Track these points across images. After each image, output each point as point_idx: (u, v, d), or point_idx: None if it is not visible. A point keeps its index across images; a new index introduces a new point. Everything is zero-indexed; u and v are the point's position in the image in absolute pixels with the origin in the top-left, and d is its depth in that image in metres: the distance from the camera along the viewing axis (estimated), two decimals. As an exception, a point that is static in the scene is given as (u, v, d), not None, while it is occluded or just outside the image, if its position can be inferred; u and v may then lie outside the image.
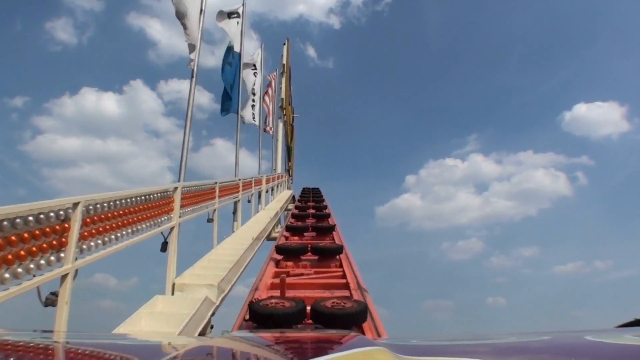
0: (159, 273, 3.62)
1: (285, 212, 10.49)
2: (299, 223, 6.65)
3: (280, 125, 15.97)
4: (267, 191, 9.49)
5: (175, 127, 28.64)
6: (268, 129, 14.46)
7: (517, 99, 34.82)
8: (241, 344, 1.22)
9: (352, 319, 2.47)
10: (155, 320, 2.92)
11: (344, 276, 3.83)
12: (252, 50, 10.99)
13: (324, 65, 35.15)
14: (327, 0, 33.23)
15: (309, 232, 5.99)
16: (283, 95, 15.85)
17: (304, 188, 14.08)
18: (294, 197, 13.65)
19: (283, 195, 12.05)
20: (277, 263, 4.32)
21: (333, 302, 2.55)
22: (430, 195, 31.95)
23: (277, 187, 11.74)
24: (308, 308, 2.53)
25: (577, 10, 32.85)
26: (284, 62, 16.09)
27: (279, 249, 4.46)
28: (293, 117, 20.14)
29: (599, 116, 28.93)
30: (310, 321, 2.56)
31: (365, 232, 29.73)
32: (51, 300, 2.25)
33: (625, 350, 0.84)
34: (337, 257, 4.40)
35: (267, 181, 9.51)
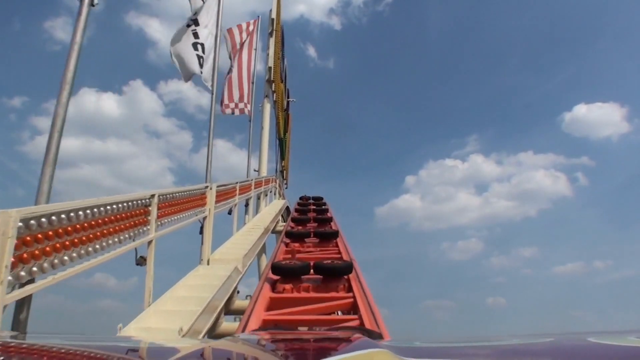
0: (159, 273, 3.68)
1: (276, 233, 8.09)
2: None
3: (268, 107, 11.52)
4: (248, 204, 7.52)
5: (176, 127, 28.71)
6: (230, 109, 9.66)
7: (518, 99, 35.69)
8: (244, 346, 1.26)
9: None
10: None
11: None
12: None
13: (325, 66, 35.94)
14: (328, 0, 33.81)
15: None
16: (271, 63, 11.52)
17: (301, 197, 10.50)
18: (287, 209, 10.70)
19: (270, 210, 8.91)
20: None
21: None
22: (430, 195, 32.60)
23: (263, 196, 9.02)
24: None
25: (577, 11, 33.82)
26: (273, 16, 12.04)
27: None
28: (288, 102, 16.38)
29: (599, 117, 29.34)
30: None
31: (365, 233, 30.26)
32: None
33: (629, 352, 0.84)
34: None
35: (245, 189, 7.08)
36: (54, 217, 2.24)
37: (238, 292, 4.61)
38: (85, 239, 2.53)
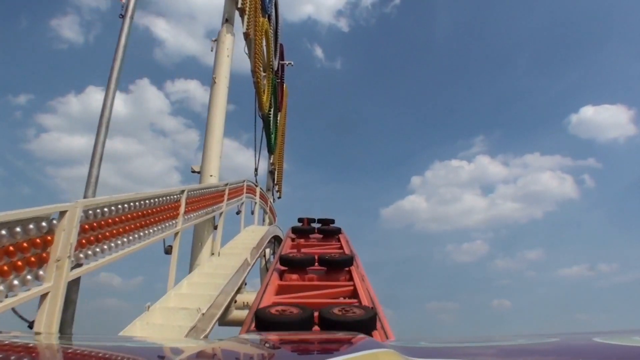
0: (164, 273, 4.05)
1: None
2: None
3: (229, 40, 6.87)
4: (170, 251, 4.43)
5: (182, 126, 29.80)
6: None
7: (525, 101, 36.31)
8: (248, 346, 1.27)
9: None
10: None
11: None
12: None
13: (332, 66, 36.80)
14: (336, 2, 34.51)
15: None
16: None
17: (301, 220, 6.31)
18: (277, 239, 8.33)
19: (234, 258, 5.64)
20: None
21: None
22: (436, 197, 32.90)
23: (221, 222, 5.93)
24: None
25: (585, 13, 34.33)
26: None
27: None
28: (280, 64, 12.18)
29: (606, 119, 29.94)
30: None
31: (371, 234, 31.14)
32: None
33: (634, 352, 0.85)
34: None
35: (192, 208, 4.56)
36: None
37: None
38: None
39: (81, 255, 2.56)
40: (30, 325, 2.29)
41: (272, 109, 11.72)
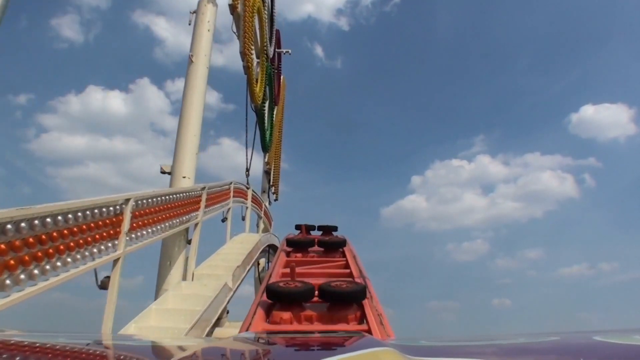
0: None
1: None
2: None
3: (211, 10, 5.97)
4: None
5: None
6: None
7: (525, 100, 36.92)
8: (248, 345, 1.31)
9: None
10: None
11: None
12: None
13: (332, 65, 37.34)
14: (336, 1, 35.20)
15: None
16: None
17: (298, 227, 5.96)
18: (272, 248, 7.95)
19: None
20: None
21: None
22: (436, 196, 33.49)
23: (196, 233, 5.06)
24: None
25: (585, 11, 34.72)
26: None
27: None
28: (277, 52, 11.92)
29: (606, 118, 30.20)
30: None
31: (371, 233, 31.43)
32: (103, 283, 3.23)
33: (635, 351, 0.86)
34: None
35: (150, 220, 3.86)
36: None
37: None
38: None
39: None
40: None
41: (266, 102, 10.90)
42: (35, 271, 2.28)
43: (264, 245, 7.20)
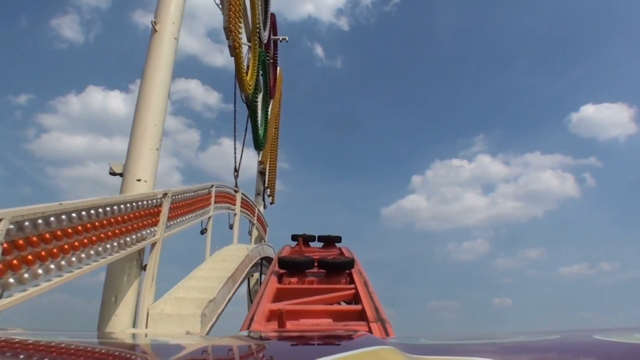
0: (165, 272, 3.82)
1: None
2: None
3: None
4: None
5: (183, 126, 31.82)
6: None
7: (525, 99, 38.20)
8: (249, 343, 1.31)
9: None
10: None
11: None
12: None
13: (332, 65, 38.96)
14: (336, 1, 36.84)
15: None
16: None
17: (294, 237, 6.18)
18: (266, 262, 7.14)
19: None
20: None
21: None
22: (437, 196, 34.75)
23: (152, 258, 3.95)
24: None
25: (586, 10, 35.95)
26: None
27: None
28: (272, 39, 11.43)
29: (606, 117, 31.32)
30: None
31: (371, 233, 33.07)
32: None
33: (634, 350, 0.87)
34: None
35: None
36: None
37: None
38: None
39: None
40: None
41: (259, 93, 10.05)
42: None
43: (254, 261, 6.30)
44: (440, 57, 43.54)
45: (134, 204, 3.49)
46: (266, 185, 12.23)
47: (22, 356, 0.80)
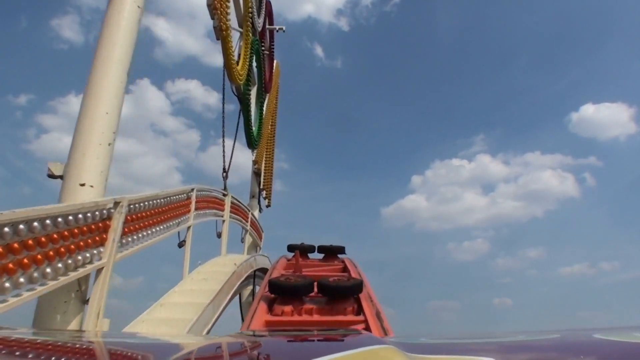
0: (165, 272, 3.89)
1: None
2: None
3: None
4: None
5: (183, 126, 32.72)
6: None
7: (525, 99, 39.58)
8: (249, 342, 1.33)
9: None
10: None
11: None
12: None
13: (332, 65, 39.59)
14: (336, 1, 37.46)
15: None
16: None
17: (291, 248, 5.30)
18: (261, 273, 6.48)
19: None
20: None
21: None
22: (437, 195, 35.25)
23: None
24: None
25: (586, 10, 36.80)
26: None
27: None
28: (268, 29, 10.96)
29: (606, 117, 31.77)
30: None
31: (371, 233, 34.02)
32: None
33: (635, 349, 0.88)
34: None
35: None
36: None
37: None
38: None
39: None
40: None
41: (253, 87, 9.38)
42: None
43: (242, 278, 5.32)
44: (440, 57, 45.73)
45: (70, 217, 2.76)
46: (262, 187, 11.49)
47: (30, 355, 0.80)
